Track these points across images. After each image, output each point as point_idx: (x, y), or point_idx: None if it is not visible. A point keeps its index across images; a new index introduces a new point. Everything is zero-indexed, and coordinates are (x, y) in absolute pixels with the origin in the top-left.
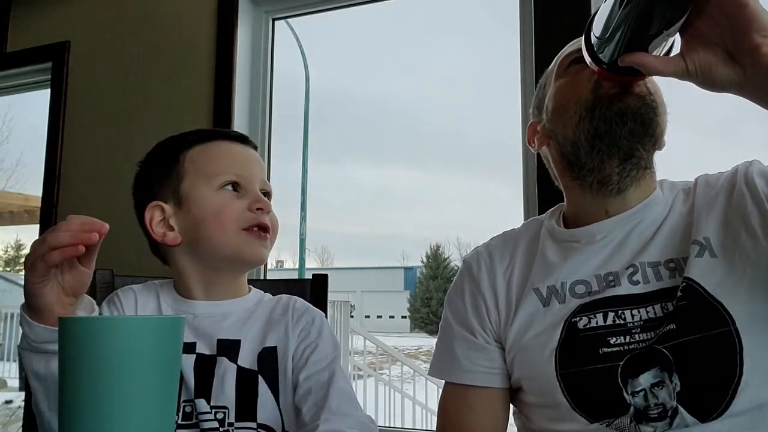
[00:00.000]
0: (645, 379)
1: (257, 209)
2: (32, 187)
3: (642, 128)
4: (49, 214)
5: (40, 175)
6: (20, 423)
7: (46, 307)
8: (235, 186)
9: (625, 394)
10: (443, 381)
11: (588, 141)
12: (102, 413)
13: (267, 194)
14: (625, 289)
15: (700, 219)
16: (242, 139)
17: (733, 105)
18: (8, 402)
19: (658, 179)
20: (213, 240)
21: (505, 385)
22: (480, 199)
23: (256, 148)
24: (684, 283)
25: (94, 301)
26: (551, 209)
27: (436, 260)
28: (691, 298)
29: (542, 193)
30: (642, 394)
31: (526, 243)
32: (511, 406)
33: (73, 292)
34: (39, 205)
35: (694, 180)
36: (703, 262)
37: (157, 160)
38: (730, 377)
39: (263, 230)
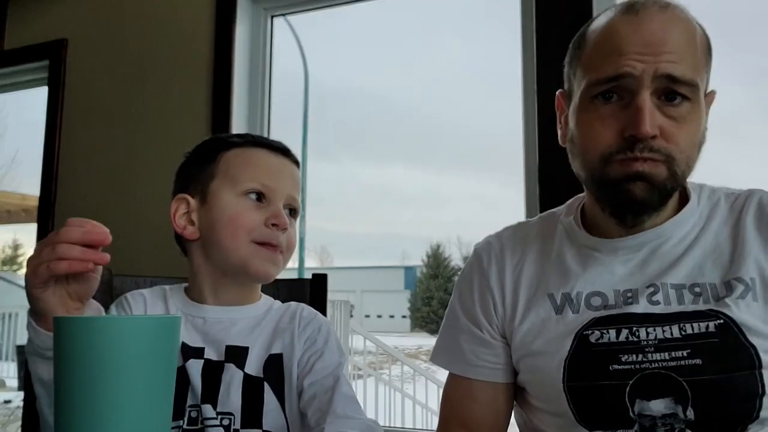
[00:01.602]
0: (656, 407)
1: (272, 225)
2: (28, 185)
3: (653, 209)
4: (46, 213)
5: (36, 174)
6: (19, 423)
7: (50, 312)
8: (260, 196)
9: (631, 414)
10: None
11: (599, 199)
12: (97, 412)
13: (294, 211)
14: (642, 307)
15: (750, 254)
16: (283, 152)
17: (733, 102)
18: (7, 402)
19: (697, 182)
20: (223, 244)
21: (510, 381)
22: (481, 197)
23: (298, 164)
24: (721, 321)
25: (101, 307)
26: (568, 202)
27: (436, 259)
28: (723, 337)
29: (543, 192)
30: (650, 419)
31: (539, 240)
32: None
33: (79, 297)
34: (36, 204)
35: (747, 194)
36: (745, 304)
37: (197, 155)
38: (747, 417)
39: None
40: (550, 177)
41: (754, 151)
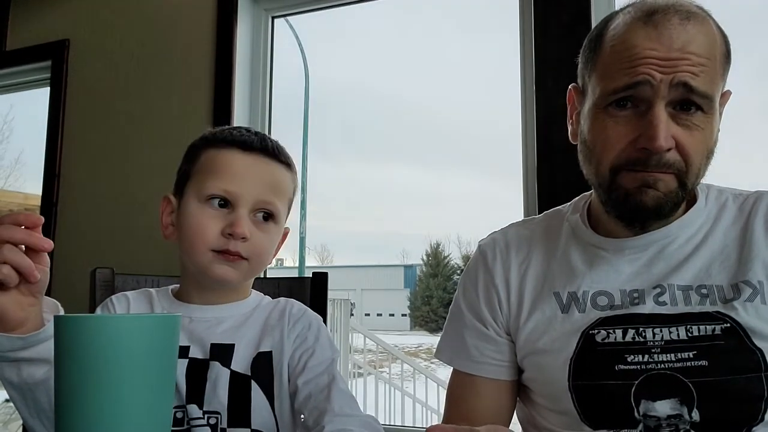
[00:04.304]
0: (662, 408)
1: (229, 234)
2: (31, 185)
3: (662, 217)
4: (48, 213)
5: (39, 173)
6: (20, 422)
7: (3, 313)
8: (224, 202)
9: (636, 414)
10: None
11: (608, 205)
12: (98, 411)
13: (269, 215)
14: (649, 308)
15: (759, 257)
16: (259, 149)
17: (736, 101)
18: (8, 401)
19: (704, 182)
20: (185, 250)
21: (514, 378)
22: (480, 196)
23: (280, 159)
24: (727, 325)
25: (58, 303)
26: (574, 200)
27: (436, 258)
28: (729, 340)
29: (542, 191)
30: (655, 419)
31: (545, 237)
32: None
33: (30, 292)
34: (39, 203)
35: (756, 195)
36: (753, 307)
37: (187, 152)
38: (752, 419)
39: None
40: (548, 176)
41: (757, 149)
